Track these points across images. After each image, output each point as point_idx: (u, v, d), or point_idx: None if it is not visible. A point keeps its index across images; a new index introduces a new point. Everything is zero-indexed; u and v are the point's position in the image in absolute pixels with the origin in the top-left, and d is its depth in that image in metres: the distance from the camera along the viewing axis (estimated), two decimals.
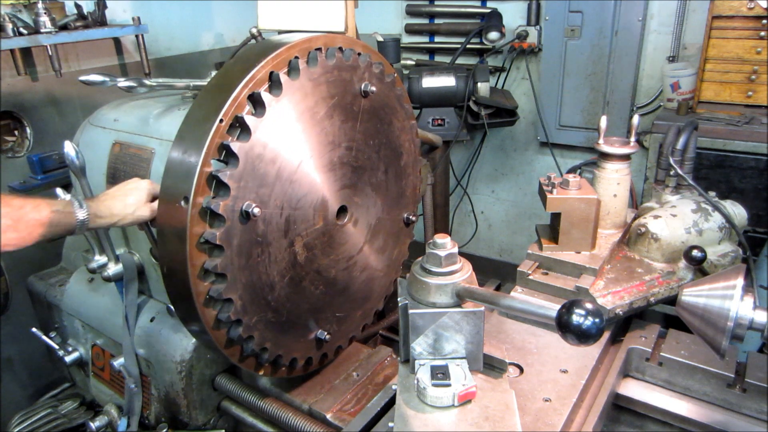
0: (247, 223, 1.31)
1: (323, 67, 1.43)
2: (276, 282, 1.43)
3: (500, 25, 3.64)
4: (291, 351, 1.57)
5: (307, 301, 1.54)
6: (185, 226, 1.25)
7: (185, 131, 1.32)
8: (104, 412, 2.02)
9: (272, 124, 1.32)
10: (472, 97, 3.22)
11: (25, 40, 2.66)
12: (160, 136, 1.84)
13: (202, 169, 1.25)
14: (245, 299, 1.37)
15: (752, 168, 2.75)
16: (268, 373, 1.59)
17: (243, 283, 1.35)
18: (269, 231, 1.37)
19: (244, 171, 1.28)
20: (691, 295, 1.21)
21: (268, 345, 1.48)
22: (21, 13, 2.78)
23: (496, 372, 1.31)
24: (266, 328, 1.45)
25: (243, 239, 1.31)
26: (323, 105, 1.44)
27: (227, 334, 1.42)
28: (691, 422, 1.49)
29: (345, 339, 1.77)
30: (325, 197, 1.51)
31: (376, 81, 1.59)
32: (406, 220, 1.86)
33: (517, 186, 4.27)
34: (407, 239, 1.92)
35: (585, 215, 1.70)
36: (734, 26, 2.84)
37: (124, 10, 3.27)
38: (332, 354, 1.75)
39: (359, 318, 1.80)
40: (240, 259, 1.32)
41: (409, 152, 1.79)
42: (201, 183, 1.25)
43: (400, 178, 1.78)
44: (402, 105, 1.72)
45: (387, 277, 1.85)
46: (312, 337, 1.61)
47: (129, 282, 1.91)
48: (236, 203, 1.28)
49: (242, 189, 1.28)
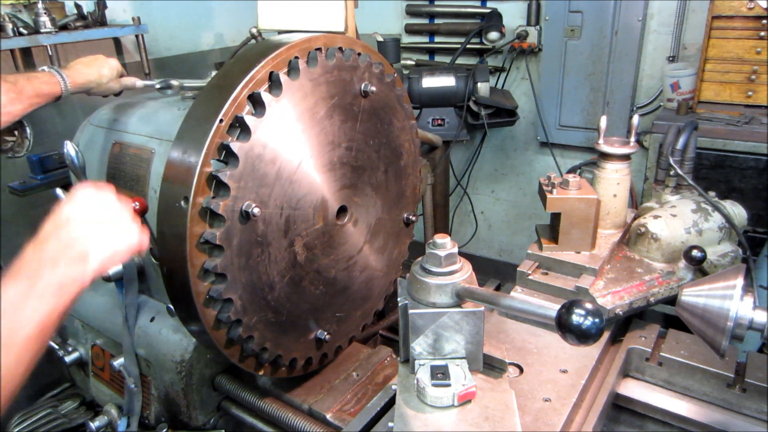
0: (246, 223, 1.31)
1: (323, 67, 1.43)
2: (276, 282, 1.43)
3: (500, 25, 3.64)
4: (291, 351, 1.57)
5: (307, 301, 1.54)
6: (185, 227, 1.25)
7: (185, 131, 1.32)
8: (104, 412, 2.01)
9: (272, 124, 1.32)
10: (472, 97, 3.22)
11: (25, 40, 2.66)
12: (160, 136, 1.84)
13: (202, 169, 1.25)
14: (245, 299, 1.37)
15: (752, 168, 2.75)
16: (268, 373, 1.59)
17: (243, 283, 1.35)
18: (269, 231, 1.37)
19: (244, 171, 1.28)
20: (691, 295, 1.21)
21: (268, 345, 1.48)
22: (21, 13, 2.78)
23: (496, 372, 1.31)
24: (266, 328, 1.45)
25: (243, 239, 1.31)
26: (323, 105, 1.44)
27: (227, 334, 1.42)
28: (691, 422, 1.49)
29: (345, 339, 1.77)
30: (324, 197, 1.51)
31: (376, 81, 1.59)
32: (406, 220, 1.86)
33: (517, 186, 4.27)
34: (407, 239, 1.92)
35: (585, 215, 1.71)
36: (734, 26, 2.84)
37: (124, 10, 3.27)
38: (332, 354, 1.75)
39: (359, 318, 1.80)
40: (240, 259, 1.32)
41: (409, 152, 1.79)
42: (201, 183, 1.25)
43: (400, 178, 1.78)
44: (402, 105, 1.72)
45: (387, 277, 1.85)
46: (312, 337, 1.61)
47: (129, 282, 1.91)
48: (236, 203, 1.28)
49: (242, 189, 1.28)
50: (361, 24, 2.54)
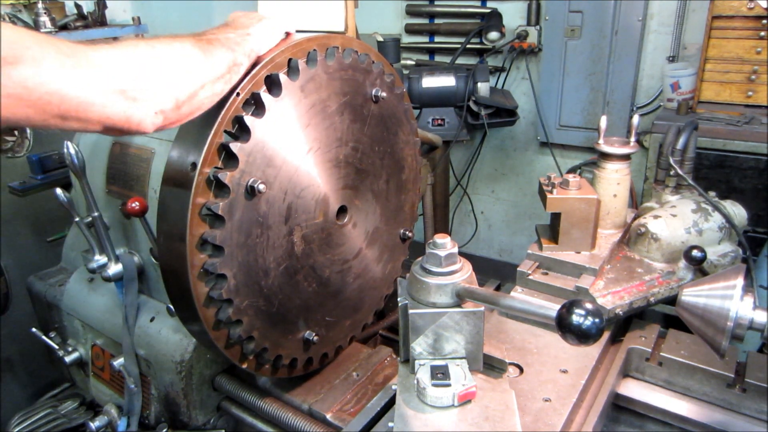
0: (251, 199, 1.30)
1: (339, 63, 1.45)
2: (271, 269, 1.42)
3: (500, 25, 3.65)
4: (277, 347, 1.54)
5: (299, 296, 1.53)
6: (189, 194, 1.24)
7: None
8: (104, 412, 2.02)
9: (286, 107, 1.33)
10: (472, 97, 3.22)
11: None
12: (160, 136, 1.84)
13: (213, 138, 1.24)
14: (239, 279, 1.35)
15: (752, 168, 2.75)
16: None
17: (239, 262, 1.34)
18: (271, 213, 1.37)
19: (255, 147, 1.28)
20: (691, 295, 1.21)
21: (256, 335, 1.46)
22: (21, 13, 2.78)
23: (496, 372, 1.31)
24: (256, 315, 1.43)
25: (245, 216, 1.31)
26: (335, 100, 1.46)
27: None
28: (691, 422, 1.49)
29: (332, 347, 1.75)
30: (327, 193, 1.50)
31: (386, 89, 1.61)
32: (403, 236, 1.85)
33: (517, 186, 4.27)
34: (402, 256, 1.91)
35: (585, 215, 1.71)
36: (734, 26, 2.84)
37: (124, 10, 3.27)
38: (318, 361, 1.72)
39: (348, 328, 1.78)
40: (239, 235, 1.31)
41: (411, 167, 1.80)
42: (211, 151, 1.25)
43: (401, 191, 1.79)
44: (408, 119, 1.74)
45: (378, 291, 1.83)
46: (300, 336, 1.59)
47: (129, 282, 1.91)
48: (243, 177, 1.27)
49: (250, 164, 1.28)
50: (361, 24, 2.54)
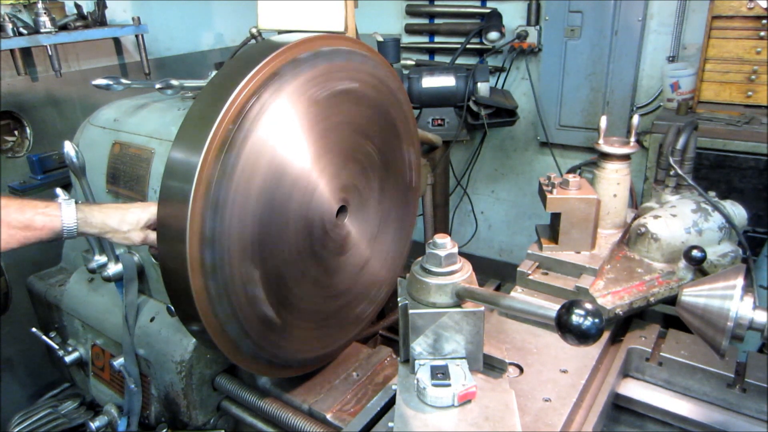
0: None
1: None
2: (264, 241, 1.36)
3: (500, 25, 3.65)
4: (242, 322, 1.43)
5: (285, 285, 1.46)
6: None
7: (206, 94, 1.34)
8: (104, 412, 2.02)
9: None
10: (472, 97, 3.22)
11: (25, 40, 2.66)
12: (160, 136, 1.84)
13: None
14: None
15: (752, 168, 2.75)
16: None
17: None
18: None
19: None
20: (691, 295, 1.21)
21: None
22: (21, 13, 2.78)
23: (496, 372, 1.31)
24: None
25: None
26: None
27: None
28: (691, 422, 1.49)
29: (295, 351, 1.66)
30: (329, 193, 1.50)
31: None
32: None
33: (517, 186, 4.27)
34: (379, 306, 1.88)
35: (585, 215, 1.70)
36: (734, 26, 2.84)
37: (124, 10, 3.27)
38: (277, 369, 1.63)
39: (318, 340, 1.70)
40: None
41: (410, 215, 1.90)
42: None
43: (399, 237, 1.84)
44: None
45: (358, 311, 1.78)
46: (266, 319, 1.48)
47: (129, 282, 1.91)
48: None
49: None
50: (361, 24, 2.53)
